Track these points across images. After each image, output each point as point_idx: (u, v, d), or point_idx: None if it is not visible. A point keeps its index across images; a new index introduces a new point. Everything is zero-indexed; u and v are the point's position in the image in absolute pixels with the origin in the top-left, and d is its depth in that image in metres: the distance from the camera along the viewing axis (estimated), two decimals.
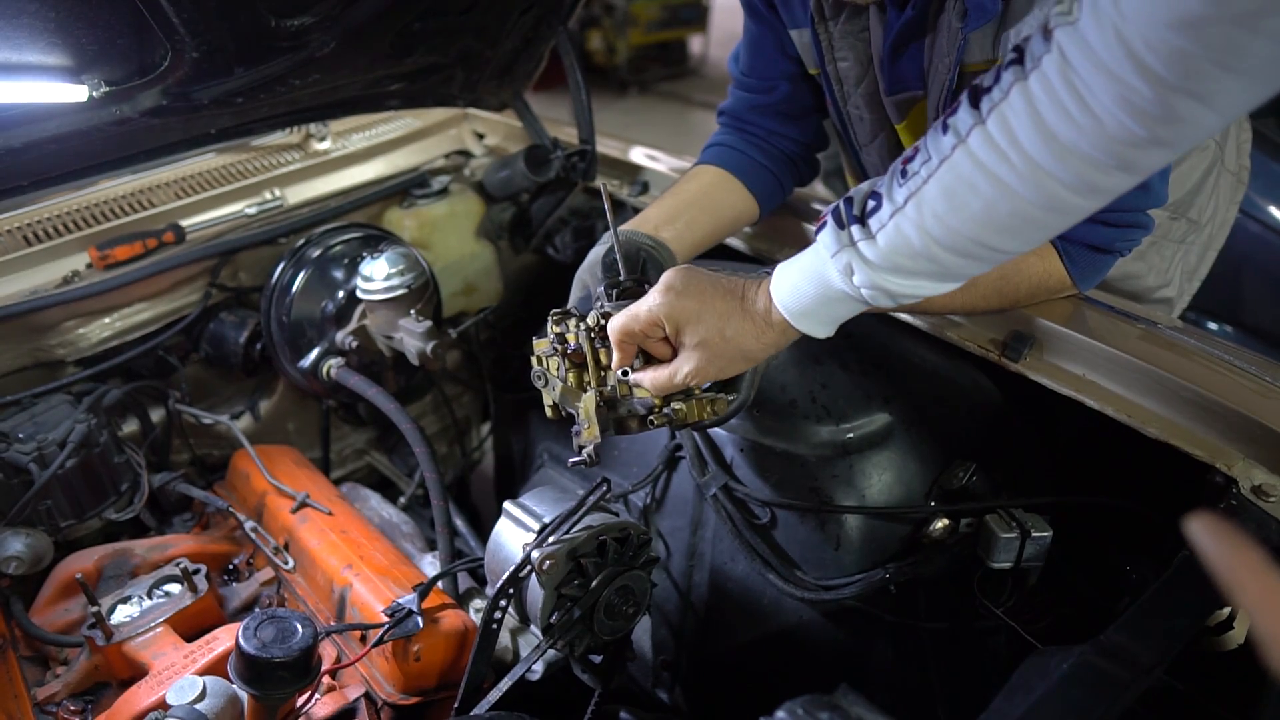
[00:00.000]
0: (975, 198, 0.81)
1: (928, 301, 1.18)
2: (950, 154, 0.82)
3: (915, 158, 0.86)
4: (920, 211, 0.85)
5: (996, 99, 0.78)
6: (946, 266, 0.88)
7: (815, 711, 0.70)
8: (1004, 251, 0.87)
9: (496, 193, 2.09)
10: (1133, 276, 1.55)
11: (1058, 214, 0.81)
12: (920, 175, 0.85)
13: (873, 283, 0.90)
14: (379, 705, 1.29)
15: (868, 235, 0.88)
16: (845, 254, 0.90)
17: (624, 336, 1.03)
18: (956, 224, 0.83)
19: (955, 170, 0.82)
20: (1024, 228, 0.83)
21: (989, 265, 0.89)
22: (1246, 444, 1.10)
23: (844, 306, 0.96)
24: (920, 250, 0.86)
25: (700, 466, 1.38)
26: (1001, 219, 0.82)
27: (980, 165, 0.80)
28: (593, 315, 1.08)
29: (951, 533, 1.30)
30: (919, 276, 0.89)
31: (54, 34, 1.29)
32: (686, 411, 1.07)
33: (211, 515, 1.68)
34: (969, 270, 0.90)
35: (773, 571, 1.33)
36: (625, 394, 1.09)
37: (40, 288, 1.61)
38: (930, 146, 0.85)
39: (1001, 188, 0.79)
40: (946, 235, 0.84)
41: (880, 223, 0.88)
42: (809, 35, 1.34)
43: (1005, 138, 0.77)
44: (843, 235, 0.90)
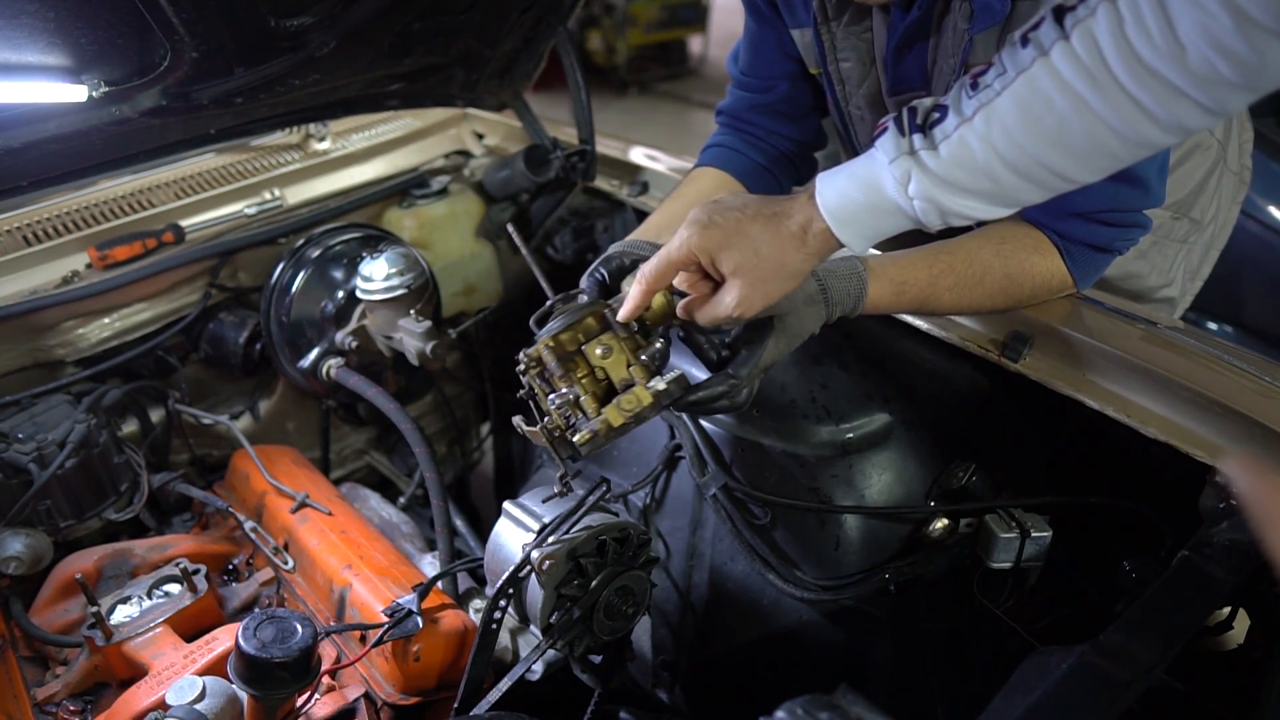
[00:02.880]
0: (1050, 114, 0.78)
1: (934, 302, 1.18)
2: (1029, 67, 0.79)
3: (989, 72, 0.83)
4: (989, 125, 0.81)
5: (1082, 15, 0.76)
6: (1005, 188, 0.84)
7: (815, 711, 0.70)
8: (1064, 176, 0.83)
9: (496, 193, 2.09)
10: (1135, 276, 1.55)
11: (1124, 138, 0.78)
12: (993, 88, 0.82)
13: (927, 195, 0.86)
14: (379, 705, 1.29)
15: (930, 145, 0.85)
16: (904, 161, 0.86)
17: (655, 279, 0.99)
18: (1025, 141, 0.81)
19: (1033, 84, 0.79)
20: (1089, 149, 0.80)
21: (1047, 193, 0.86)
22: (1246, 444, 1.09)
23: (890, 220, 0.91)
24: (983, 166, 0.83)
25: (700, 466, 1.38)
26: (1075, 140, 0.79)
27: (1060, 80, 0.77)
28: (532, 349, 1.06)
29: (951, 533, 1.30)
30: (975, 196, 0.86)
31: (54, 34, 1.29)
32: (631, 401, 1.01)
33: (211, 515, 1.68)
34: (1026, 196, 0.86)
35: (772, 571, 1.33)
36: (572, 418, 1.05)
37: (40, 288, 1.61)
38: (1007, 60, 0.82)
39: (1080, 106, 0.77)
40: (1013, 152, 0.81)
41: (944, 133, 0.84)
42: (811, 35, 1.34)
43: (1089, 53, 0.75)
44: (903, 143, 0.87)
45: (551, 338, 1.03)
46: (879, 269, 1.13)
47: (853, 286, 1.10)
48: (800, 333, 1.07)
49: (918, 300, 1.16)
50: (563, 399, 1.03)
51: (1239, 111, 0.78)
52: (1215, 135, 1.60)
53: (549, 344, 1.03)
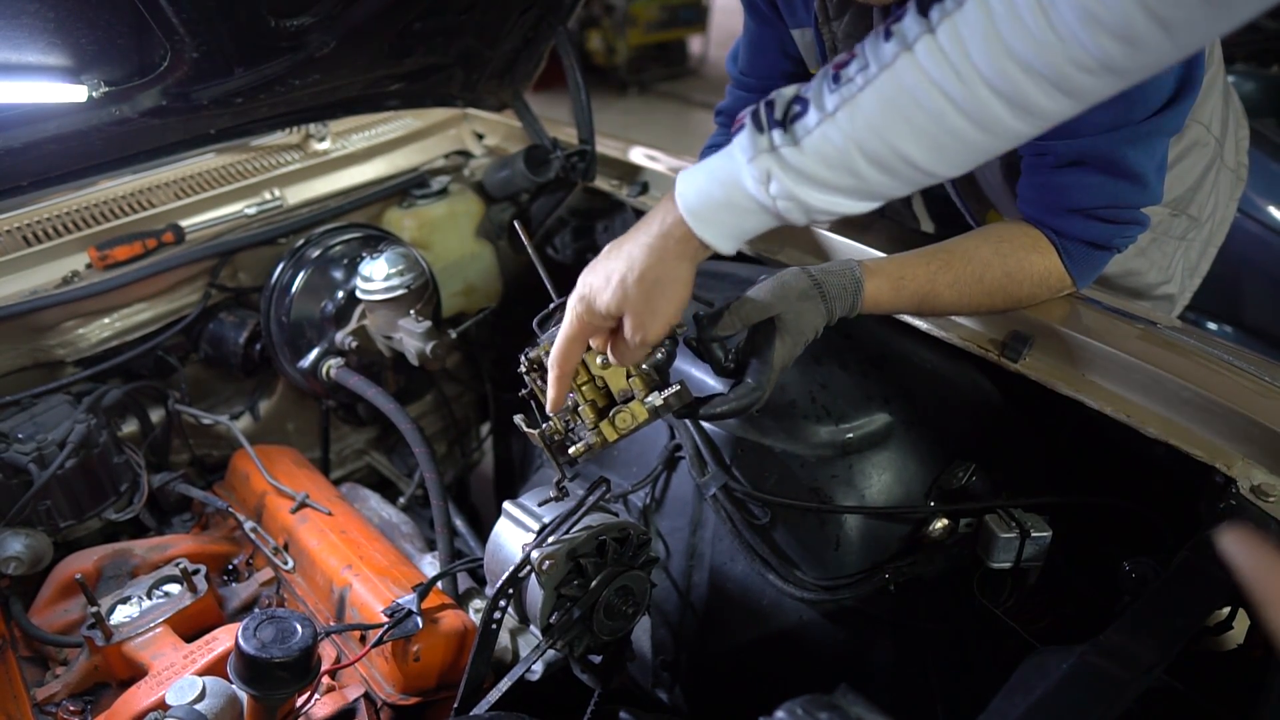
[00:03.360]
0: (916, 111, 0.77)
1: (933, 301, 1.18)
2: (892, 62, 0.77)
3: (851, 64, 0.80)
4: (853, 121, 0.79)
5: (950, 8, 0.74)
6: (869, 183, 0.82)
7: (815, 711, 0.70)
8: (927, 171, 0.81)
9: (496, 193, 2.09)
10: (1134, 273, 1.55)
11: (991, 135, 0.77)
12: (856, 83, 0.79)
13: (790, 193, 0.84)
14: (379, 705, 1.29)
15: (791, 141, 0.83)
16: (764, 159, 0.84)
17: (562, 362, 0.99)
18: (890, 137, 0.78)
19: (897, 80, 0.77)
20: (955, 147, 0.78)
21: (910, 186, 0.84)
22: (1246, 444, 1.10)
23: (753, 218, 0.89)
24: (846, 163, 0.81)
25: (700, 466, 1.38)
26: (936, 136, 0.77)
27: (924, 76, 0.75)
28: (533, 352, 1.06)
29: (951, 533, 1.30)
30: (839, 192, 0.84)
31: (54, 34, 1.29)
32: (625, 419, 1.03)
33: (211, 515, 1.68)
34: (890, 189, 0.84)
35: (772, 571, 1.33)
36: (571, 423, 1.06)
37: (40, 288, 1.61)
38: (870, 53, 0.79)
39: (942, 102, 0.75)
40: (877, 148, 0.79)
41: (806, 129, 0.82)
42: (812, 35, 1.34)
43: (955, 49, 0.73)
44: (761, 140, 0.84)
45: (551, 344, 1.03)
46: (876, 267, 1.13)
47: (848, 282, 1.10)
48: (803, 330, 1.07)
49: (917, 297, 1.16)
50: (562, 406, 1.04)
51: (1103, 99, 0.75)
52: (1212, 132, 1.60)
53: (548, 350, 1.03)
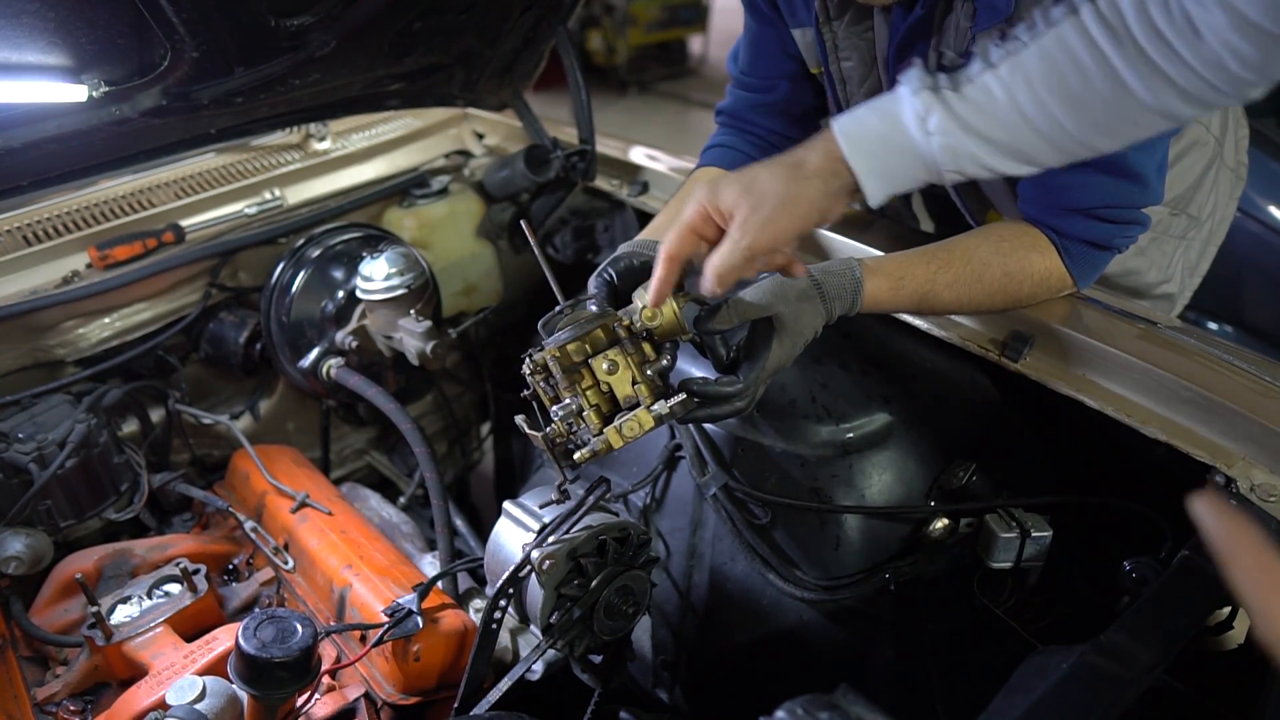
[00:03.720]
0: (1074, 69, 0.80)
1: (934, 300, 1.18)
2: (1060, 22, 0.81)
3: (1020, 26, 0.84)
4: (1014, 74, 0.83)
5: None
6: (1022, 141, 0.85)
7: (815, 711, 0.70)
8: (1084, 142, 0.84)
9: (496, 193, 2.09)
10: (1134, 272, 1.55)
11: (1156, 111, 0.80)
12: (1022, 40, 0.83)
13: (946, 130, 0.86)
14: (379, 705, 1.29)
15: (953, 85, 0.86)
16: (925, 95, 0.87)
17: (675, 247, 0.97)
18: (1046, 94, 0.82)
19: (1060, 38, 0.81)
20: (1115, 117, 0.81)
21: (1063, 155, 0.86)
22: (1246, 444, 1.10)
23: (904, 159, 0.90)
24: (1003, 113, 0.84)
25: (700, 466, 1.38)
26: (1096, 100, 0.80)
27: (1087, 37, 0.79)
28: (538, 355, 1.06)
29: (951, 533, 1.30)
30: (991, 145, 0.86)
31: (54, 34, 1.29)
32: (632, 427, 1.02)
33: (211, 515, 1.68)
34: (1042, 154, 0.86)
35: (773, 571, 1.33)
36: (575, 426, 1.06)
37: (40, 288, 1.61)
38: (1039, 16, 0.83)
39: (1104, 64, 0.78)
40: (1033, 104, 0.82)
41: (969, 77, 0.85)
42: (812, 34, 1.34)
43: (1115, 16, 0.77)
44: (928, 79, 0.87)
45: (558, 348, 1.03)
46: (876, 266, 1.13)
47: (847, 282, 1.10)
48: (801, 331, 1.07)
49: (916, 296, 1.16)
50: (566, 409, 1.04)
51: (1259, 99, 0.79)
52: (1211, 131, 1.60)
53: (555, 354, 1.03)
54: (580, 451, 1.03)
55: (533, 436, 1.08)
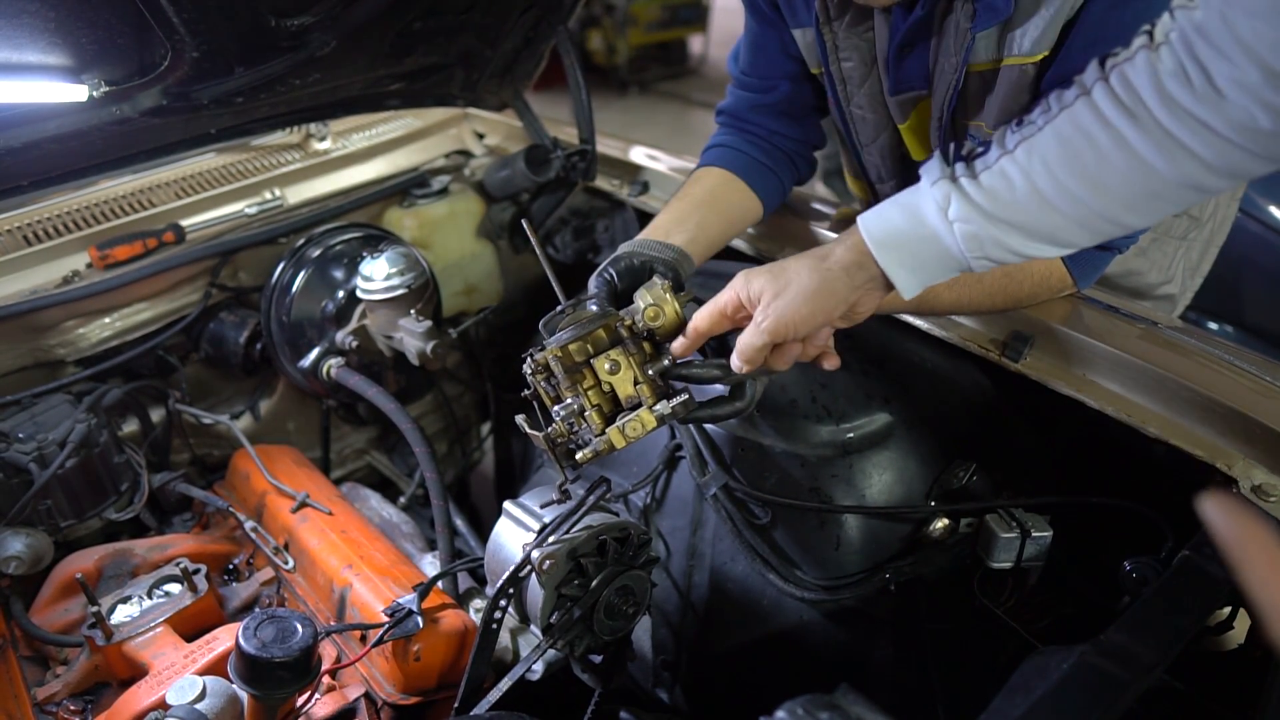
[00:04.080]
0: (1091, 149, 0.80)
1: (934, 300, 1.18)
2: (1072, 104, 0.81)
3: (1035, 109, 0.85)
4: (1030, 158, 0.83)
5: (1121, 60, 0.78)
6: (1045, 223, 0.85)
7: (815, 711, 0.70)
8: (1110, 218, 0.83)
9: (496, 192, 2.09)
10: (1135, 273, 1.55)
11: (1179, 184, 0.79)
12: (1037, 124, 0.83)
13: (967, 218, 0.86)
14: (379, 705, 1.29)
15: (971, 174, 0.87)
16: (944, 185, 0.88)
17: (706, 325, 1.01)
18: (1064, 175, 0.81)
19: (1074, 119, 0.81)
20: (1136, 193, 0.80)
21: (1093, 235, 0.86)
22: (1246, 444, 1.10)
23: (931, 249, 0.90)
24: (1023, 198, 0.84)
25: (700, 466, 1.38)
26: (1115, 178, 0.80)
27: (1100, 116, 0.79)
28: (539, 355, 1.06)
29: (951, 533, 1.30)
30: (1015, 230, 0.86)
31: (54, 34, 1.29)
32: (634, 427, 1.03)
33: (211, 515, 1.68)
34: (1069, 234, 0.86)
35: (773, 571, 1.33)
36: (576, 426, 1.07)
37: (40, 288, 1.61)
38: (1053, 99, 0.83)
39: (1119, 142, 0.78)
40: (1052, 186, 0.82)
41: (986, 164, 0.86)
42: (813, 35, 1.34)
43: (1128, 93, 0.77)
44: (946, 169, 0.88)
45: (560, 348, 1.03)
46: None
47: None
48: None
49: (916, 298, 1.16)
50: (568, 409, 1.04)
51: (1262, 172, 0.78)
52: None
53: (557, 354, 1.03)
54: (582, 451, 1.04)
55: (533, 436, 1.08)
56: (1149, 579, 1.11)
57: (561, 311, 1.12)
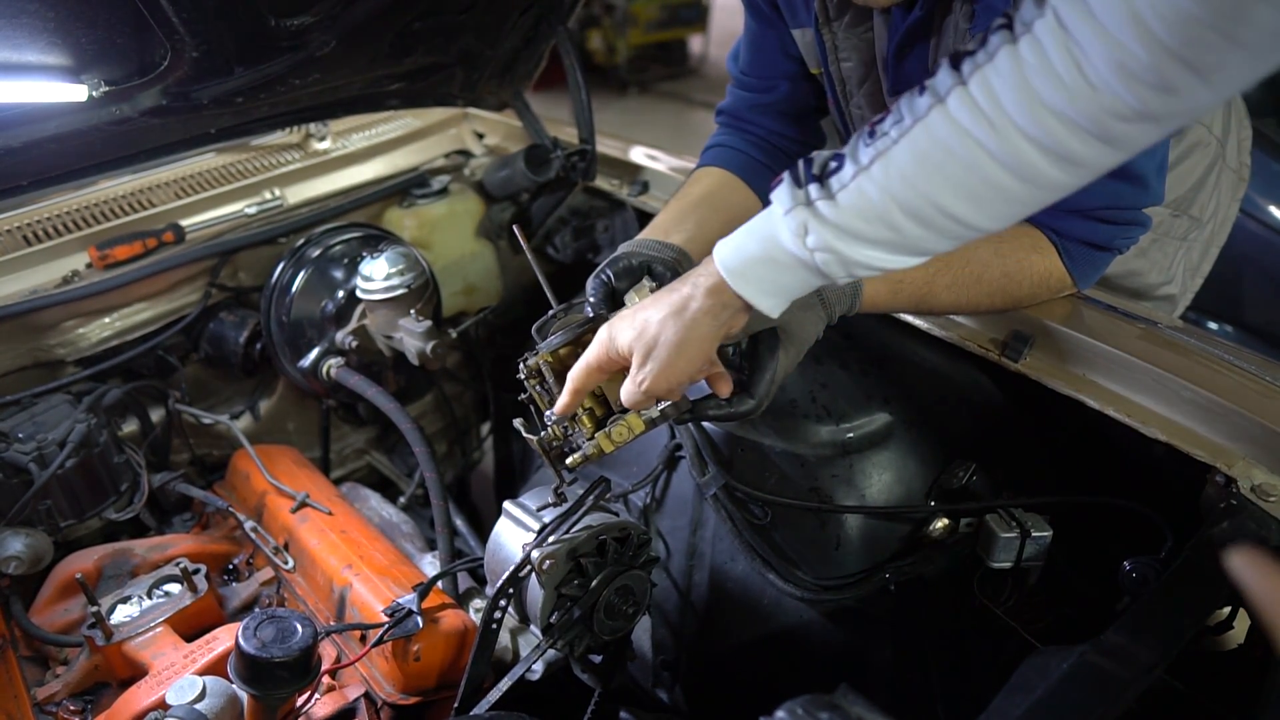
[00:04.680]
0: (948, 160, 0.76)
1: (933, 301, 1.18)
2: (926, 114, 0.77)
3: (887, 119, 0.81)
4: (887, 173, 0.79)
5: (981, 61, 0.74)
6: (907, 236, 0.82)
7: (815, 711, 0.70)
8: (969, 225, 0.80)
9: (496, 192, 2.09)
10: (1136, 274, 1.55)
11: (1031, 185, 0.76)
12: (890, 135, 0.80)
13: (827, 245, 0.83)
14: (379, 705, 1.29)
15: (826, 195, 0.83)
16: (799, 212, 0.84)
17: (579, 381, 1.01)
18: (925, 189, 0.78)
19: (930, 131, 0.77)
20: (994, 199, 0.78)
21: (952, 241, 0.83)
22: (1246, 444, 1.10)
23: (792, 274, 0.89)
24: (881, 215, 0.80)
25: (700, 466, 1.38)
26: (972, 187, 0.77)
27: (957, 126, 0.75)
28: (532, 359, 1.07)
29: (951, 532, 1.30)
30: (877, 245, 0.83)
31: (54, 34, 1.29)
32: (621, 432, 1.03)
33: (211, 515, 1.68)
34: (931, 244, 0.84)
35: (773, 571, 1.33)
36: (569, 430, 1.07)
37: (40, 288, 1.61)
38: (904, 107, 0.80)
39: (976, 152, 0.75)
40: (912, 200, 0.79)
41: (841, 183, 0.82)
42: (812, 35, 1.34)
43: (987, 100, 0.73)
44: (799, 193, 0.84)
45: (551, 352, 1.04)
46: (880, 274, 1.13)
47: (846, 285, 1.10)
48: (805, 338, 1.08)
49: (915, 298, 1.17)
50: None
51: (1145, 147, 0.75)
52: (1214, 133, 1.60)
53: (547, 359, 1.04)
54: (572, 456, 1.04)
55: (529, 440, 1.08)
56: (1149, 579, 1.11)
57: (553, 316, 1.12)
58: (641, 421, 1.03)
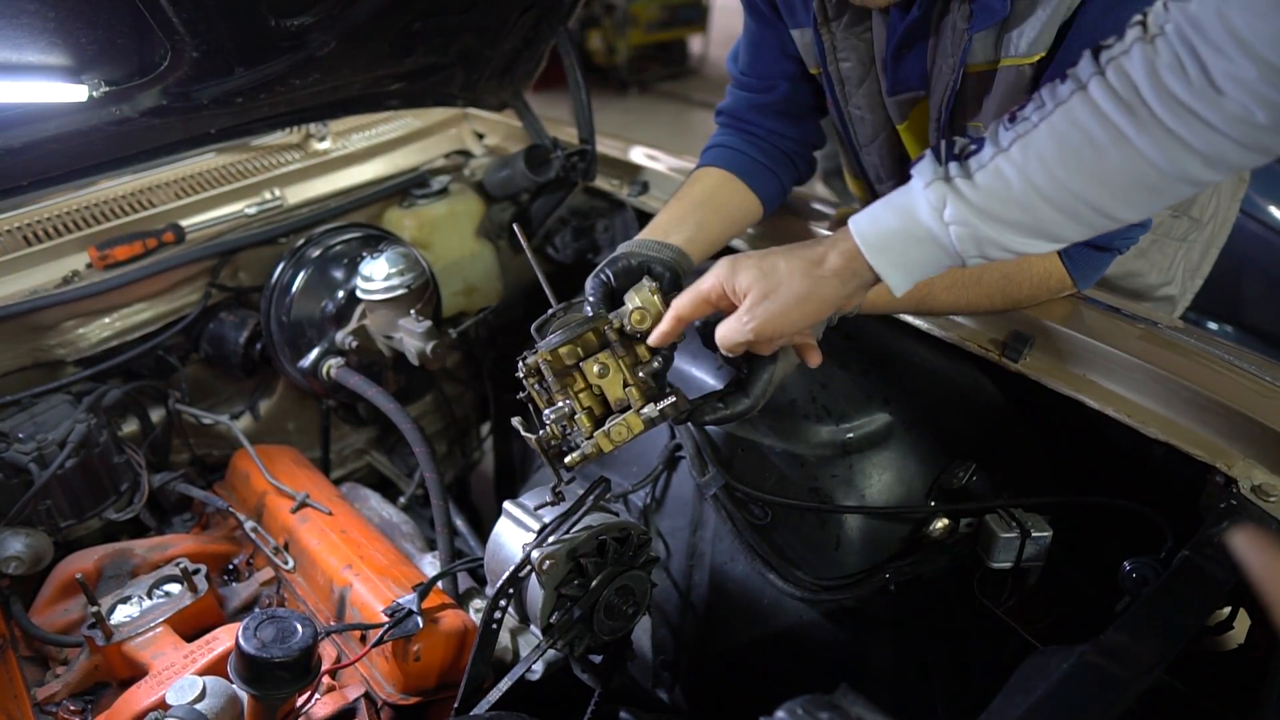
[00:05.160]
0: (1087, 145, 0.79)
1: (932, 302, 1.18)
2: (1068, 99, 0.80)
3: (1028, 105, 0.83)
4: (1026, 155, 0.82)
5: (1117, 53, 0.77)
6: (1042, 220, 0.84)
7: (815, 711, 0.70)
8: (1106, 213, 0.82)
9: (496, 193, 2.09)
10: (1135, 274, 1.55)
11: (1168, 160, 0.77)
12: (1031, 120, 0.82)
13: (963, 219, 0.85)
14: (379, 705, 1.29)
15: (965, 173, 0.85)
16: (939, 186, 0.86)
17: (686, 311, 1.00)
18: (1061, 172, 0.80)
19: (1070, 115, 0.79)
20: (1133, 187, 0.80)
21: (1086, 229, 0.85)
22: (1246, 444, 1.10)
23: (926, 249, 0.89)
24: (1018, 196, 0.82)
25: (700, 466, 1.38)
26: (1112, 173, 0.79)
27: (1097, 111, 0.78)
28: (531, 358, 1.07)
29: (951, 533, 1.30)
30: (1011, 227, 0.85)
31: (54, 34, 1.29)
32: (620, 431, 1.03)
33: (211, 515, 1.68)
34: (1065, 230, 0.85)
35: (773, 571, 1.33)
36: (568, 429, 1.07)
37: (40, 288, 1.61)
38: (1046, 94, 0.82)
39: (1117, 137, 0.77)
40: (1049, 184, 0.81)
41: (980, 163, 0.84)
42: (811, 35, 1.34)
43: (1125, 87, 0.76)
44: (939, 169, 0.86)
45: (549, 351, 1.03)
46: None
47: None
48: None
49: (915, 299, 1.17)
50: (558, 413, 1.05)
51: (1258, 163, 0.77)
52: None
53: (546, 358, 1.04)
54: (571, 455, 1.04)
55: (527, 439, 1.08)
56: (1149, 579, 1.11)
57: (553, 315, 1.12)
58: (641, 421, 1.03)
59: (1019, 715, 0.77)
